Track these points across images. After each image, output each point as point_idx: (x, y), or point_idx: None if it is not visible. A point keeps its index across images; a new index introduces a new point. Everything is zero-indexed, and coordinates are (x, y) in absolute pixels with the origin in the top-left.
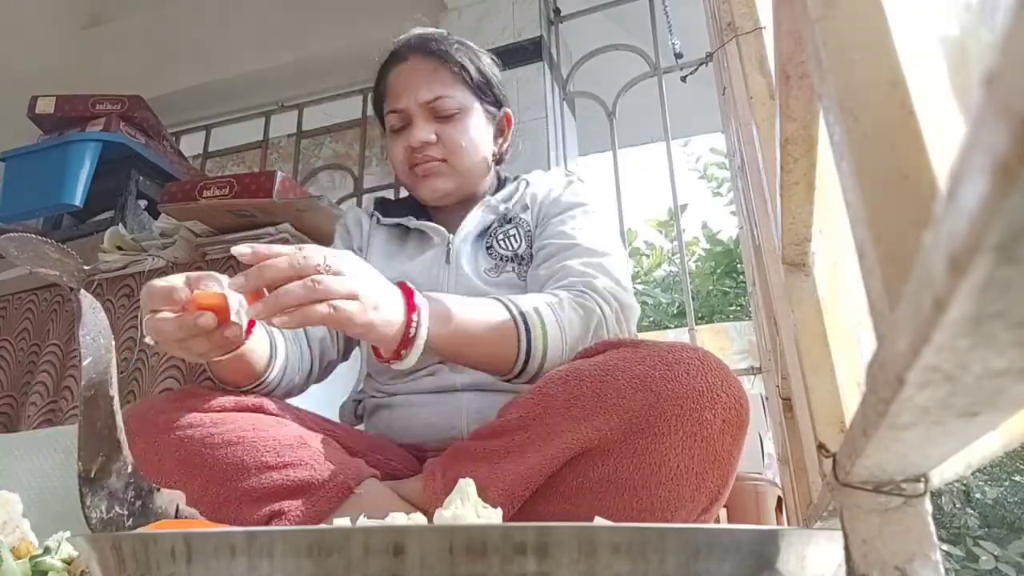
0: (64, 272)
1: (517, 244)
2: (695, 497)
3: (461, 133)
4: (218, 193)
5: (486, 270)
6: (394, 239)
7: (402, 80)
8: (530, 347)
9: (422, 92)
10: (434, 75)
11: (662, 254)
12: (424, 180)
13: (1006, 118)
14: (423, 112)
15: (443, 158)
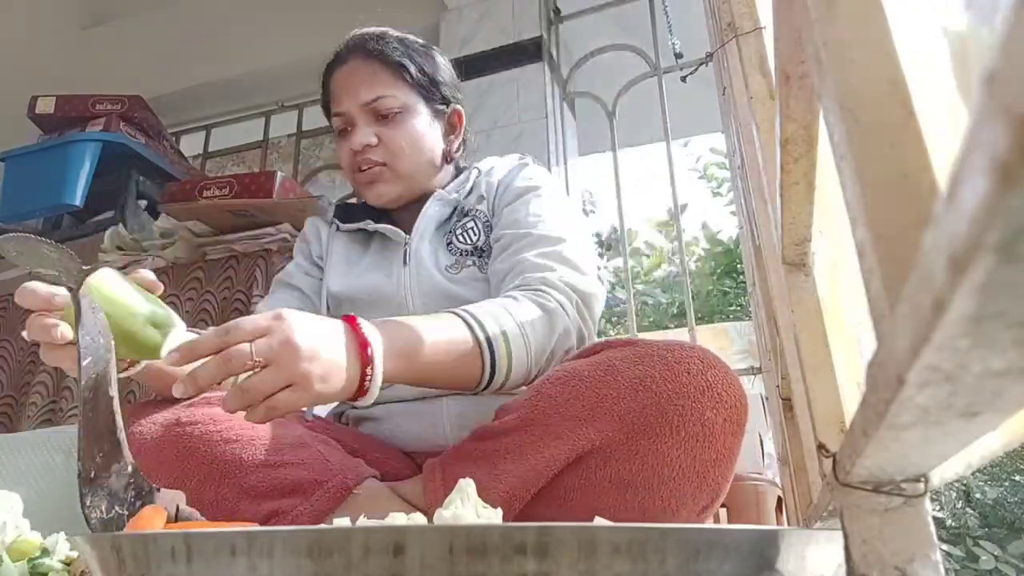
0: (63, 272)
1: (476, 236)
2: (696, 495)
3: (402, 134)
4: (218, 193)
5: (447, 267)
6: (356, 244)
7: (342, 82)
8: (494, 364)
9: (361, 93)
10: (373, 76)
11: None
12: (368, 186)
13: (1006, 118)
14: (364, 114)
15: (384, 162)
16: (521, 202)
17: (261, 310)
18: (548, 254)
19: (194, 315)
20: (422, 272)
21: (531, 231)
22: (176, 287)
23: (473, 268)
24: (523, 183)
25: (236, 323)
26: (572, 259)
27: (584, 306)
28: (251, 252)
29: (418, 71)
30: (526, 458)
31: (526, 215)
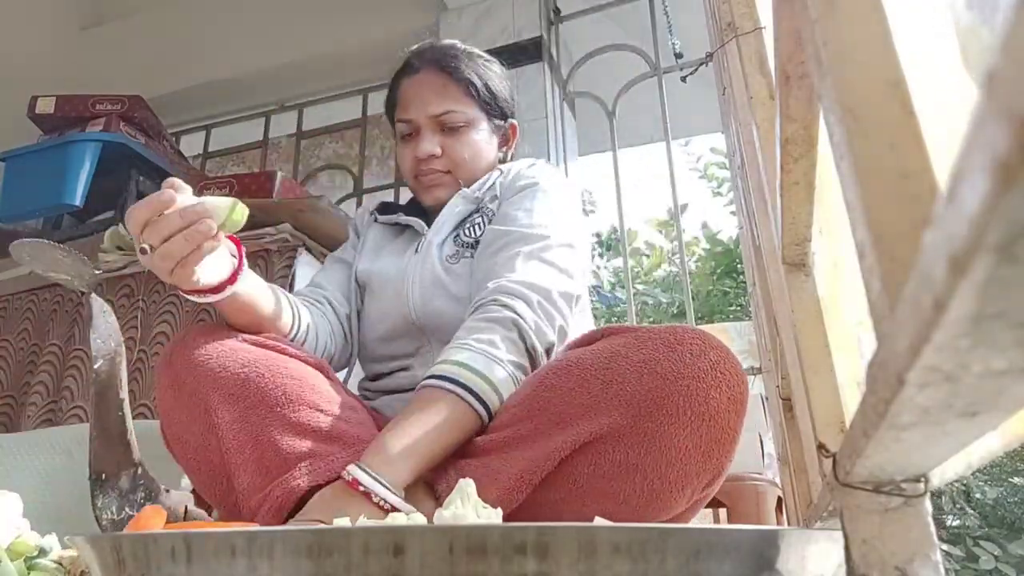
0: (75, 277)
1: (480, 231)
2: (700, 474)
3: (465, 146)
4: (218, 193)
5: (448, 256)
6: (387, 235)
7: (413, 91)
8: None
9: (431, 106)
10: (444, 90)
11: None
12: (428, 190)
13: (1006, 118)
14: (430, 124)
15: (447, 170)
16: (517, 198)
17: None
18: (523, 253)
19: (194, 315)
20: (426, 261)
21: (514, 229)
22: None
23: (469, 259)
24: (523, 181)
25: None
26: (547, 258)
27: (548, 302)
28: (251, 252)
29: (484, 89)
30: (534, 445)
31: (516, 211)
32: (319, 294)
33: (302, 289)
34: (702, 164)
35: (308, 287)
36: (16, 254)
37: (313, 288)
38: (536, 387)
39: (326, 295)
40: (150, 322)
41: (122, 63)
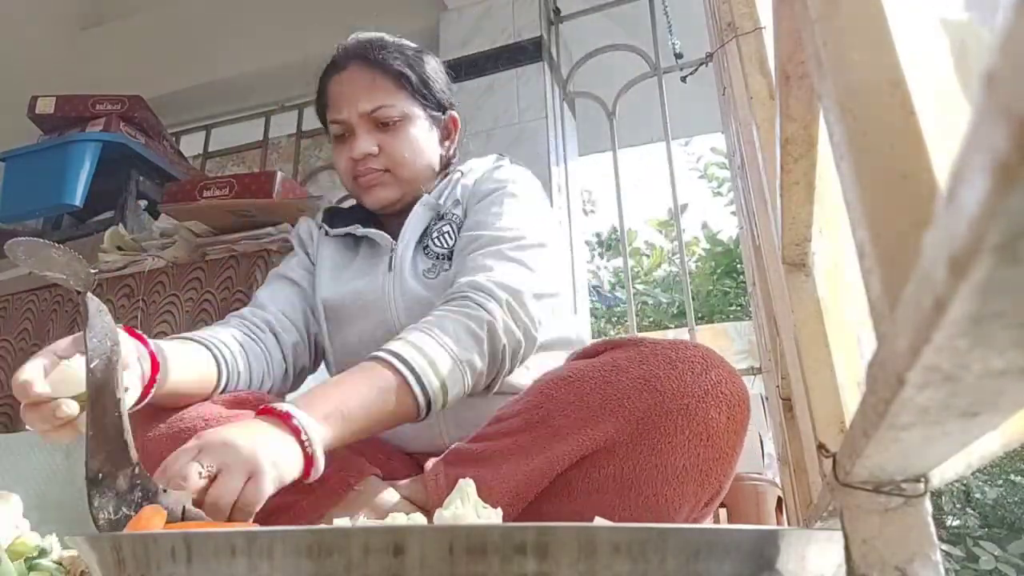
0: (71, 275)
1: (451, 240)
2: (699, 493)
3: (403, 142)
4: (218, 193)
5: (424, 271)
6: (343, 249)
7: (341, 90)
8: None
9: (362, 103)
10: (373, 84)
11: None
12: (368, 191)
13: (1006, 118)
14: (364, 122)
15: (385, 168)
16: (486, 203)
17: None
18: (492, 253)
19: (194, 315)
20: (404, 279)
21: (484, 232)
22: (176, 287)
23: (448, 272)
24: (490, 184)
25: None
26: (515, 256)
27: (517, 303)
28: (251, 252)
29: (418, 80)
30: (530, 459)
31: (486, 216)
32: (260, 318)
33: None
34: (702, 164)
35: (250, 307)
36: (11, 253)
37: (254, 309)
38: (534, 398)
39: (269, 320)
40: (150, 322)
41: (122, 63)
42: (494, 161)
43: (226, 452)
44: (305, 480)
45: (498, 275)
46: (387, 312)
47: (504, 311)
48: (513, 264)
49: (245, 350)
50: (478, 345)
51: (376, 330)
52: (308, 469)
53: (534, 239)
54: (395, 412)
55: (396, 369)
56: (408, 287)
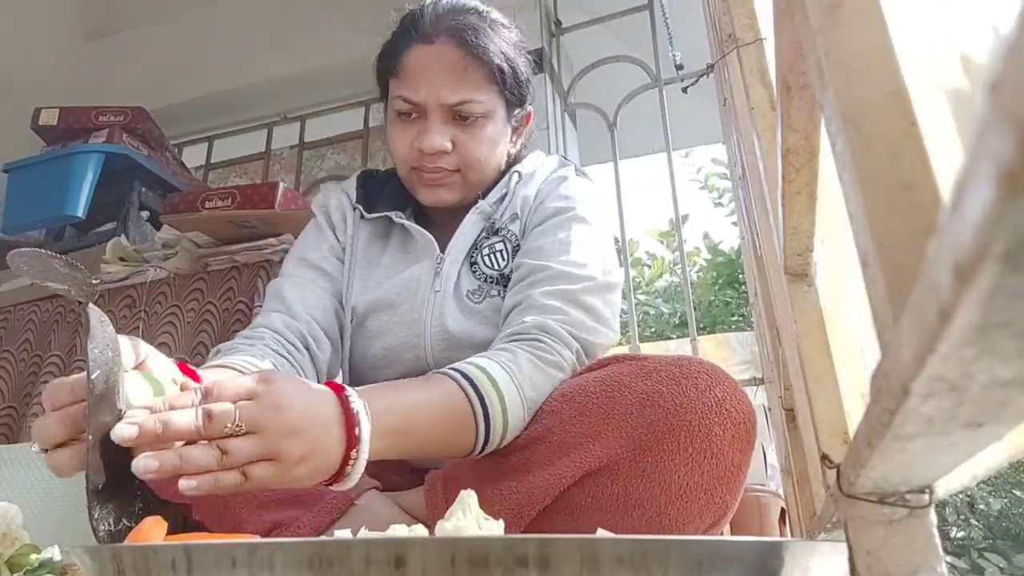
0: (73, 286)
1: (503, 262)
2: (704, 513)
3: (480, 143)
4: (220, 204)
5: (469, 292)
6: (376, 238)
7: (424, 67)
8: (488, 435)
9: (446, 92)
10: (464, 74)
11: (664, 264)
12: (431, 189)
13: (1011, 126)
14: (442, 112)
15: (456, 168)
16: (550, 225)
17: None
18: (561, 293)
19: (196, 326)
20: (446, 301)
21: (551, 264)
22: (178, 298)
23: (496, 298)
24: (558, 202)
25: (218, 383)
26: (587, 302)
27: (586, 356)
28: (253, 263)
29: (511, 74)
30: (532, 475)
31: (551, 242)
32: (295, 332)
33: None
34: (703, 175)
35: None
36: (13, 264)
37: (287, 320)
38: (538, 413)
39: (304, 335)
40: (152, 333)
41: (125, 75)
42: (558, 167)
43: (272, 420)
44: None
45: (570, 321)
46: (419, 339)
47: (575, 357)
48: (583, 312)
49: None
50: (547, 389)
51: (404, 352)
52: (333, 482)
53: (603, 279)
54: (449, 450)
55: (474, 413)
56: (449, 309)
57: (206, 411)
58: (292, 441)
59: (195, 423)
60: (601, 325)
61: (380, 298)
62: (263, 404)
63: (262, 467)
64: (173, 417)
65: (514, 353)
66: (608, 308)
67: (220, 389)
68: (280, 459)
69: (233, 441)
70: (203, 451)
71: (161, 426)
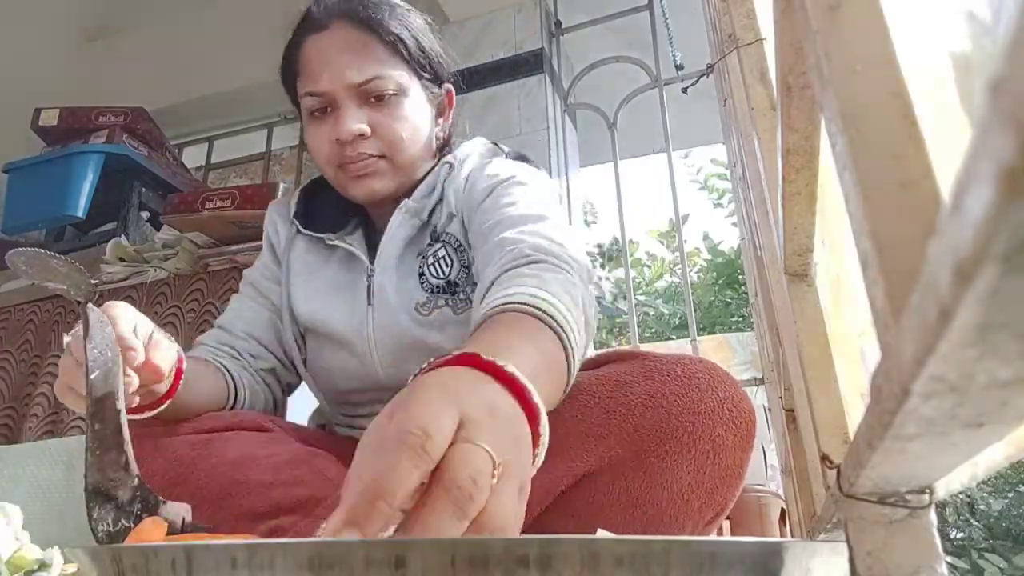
0: (72, 286)
1: (448, 268)
2: (703, 511)
3: (400, 120)
4: (220, 204)
5: (419, 305)
6: (315, 253)
7: (322, 54)
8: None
9: (350, 72)
10: (364, 50)
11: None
12: (358, 180)
13: (1012, 126)
14: (352, 96)
15: (381, 153)
16: (489, 199)
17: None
18: (528, 231)
19: (196, 326)
20: (387, 314)
21: (501, 218)
22: (178, 298)
23: (446, 308)
24: (487, 182)
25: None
26: (554, 236)
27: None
28: (253, 263)
29: (415, 45)
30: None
31: (494, 206)
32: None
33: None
34: (702, 175)
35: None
36: (12, 264)
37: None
38: None
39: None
40: None
41: (125, 75)
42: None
43: (516, 450)
44: None
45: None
46: (366, 355)
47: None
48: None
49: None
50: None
51: (358, 370)
52: None
53: (556, 217)
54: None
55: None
56: (393, 325)
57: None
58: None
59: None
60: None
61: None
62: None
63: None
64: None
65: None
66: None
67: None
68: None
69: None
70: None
71: None
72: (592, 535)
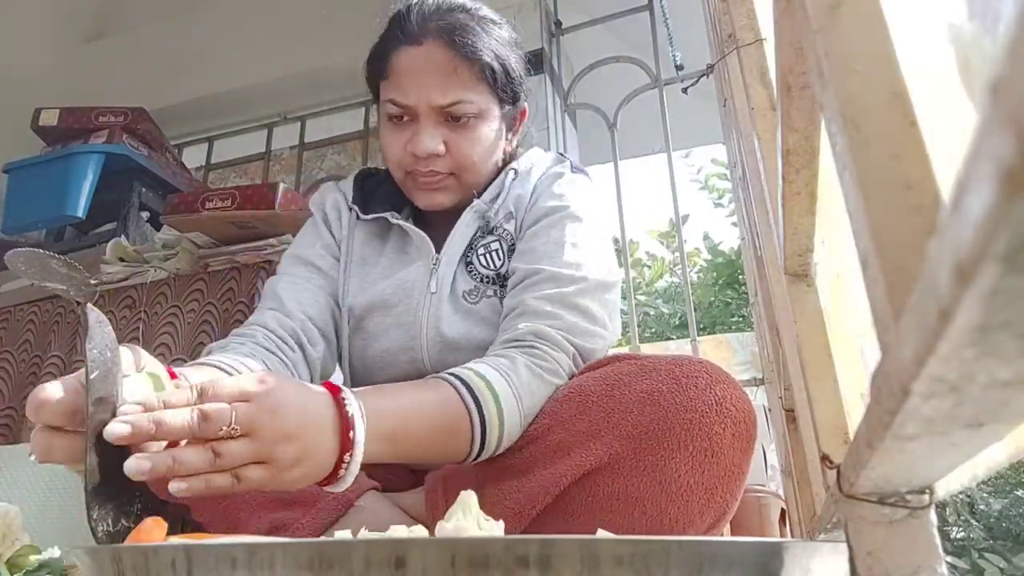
0: (71, 286)
1: (499, 261)
2: (704, 512)
3: (474, 144)
4: (220, 205)
5: (465, 293)
6: (373, 238)
7: (412, 70)
8: (484, 442)
9: (436, 94)
10: (454, 74)
11: (664, 265)
12: (426, 193)
13: (1012, 126)
14: (433, 115)
15: (450, 171)
16: (543, 226)
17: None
18: (555, 297)
19: (196, 327)
20: (442, 304)
21: (544, 267)
22: (178, 299)
23: (494, 299)
24: (551, 201)
25: (214, 383)
26: (581, 304)
27: (582, 359)
28: (253, 263)
29: (502, 72)
30: (532, 475)
31: (544, 243)
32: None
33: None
34: (702, 175)
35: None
36: (12, 264)
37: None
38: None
39: (297, 333)
40: (152, 334)
41: (125, 75)
42: (553, 163)
43: (269, 423)
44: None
45: (565, 326)
46: (416, 338)
47: (571, 362)
48: (578, 315)
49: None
50: (543, 397)
51: (400, 355)
52: (326, 484)
53: (596, 278)
54: (445, 455)
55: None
56: (445, 312)
57: (202, 411)
58: (286, 445)
59: (190, 423)
60: (597, 327)
61: (376, 299)
62: (259, 406)
63: (255, 470)
64: (167, 416)
65: (512, 360)
66: (604, 308)
67: (216, 389)
68: (274, 462)
69: (227, 444)
70: (196, 453)
71: (154, 425)
72: (592, 535)
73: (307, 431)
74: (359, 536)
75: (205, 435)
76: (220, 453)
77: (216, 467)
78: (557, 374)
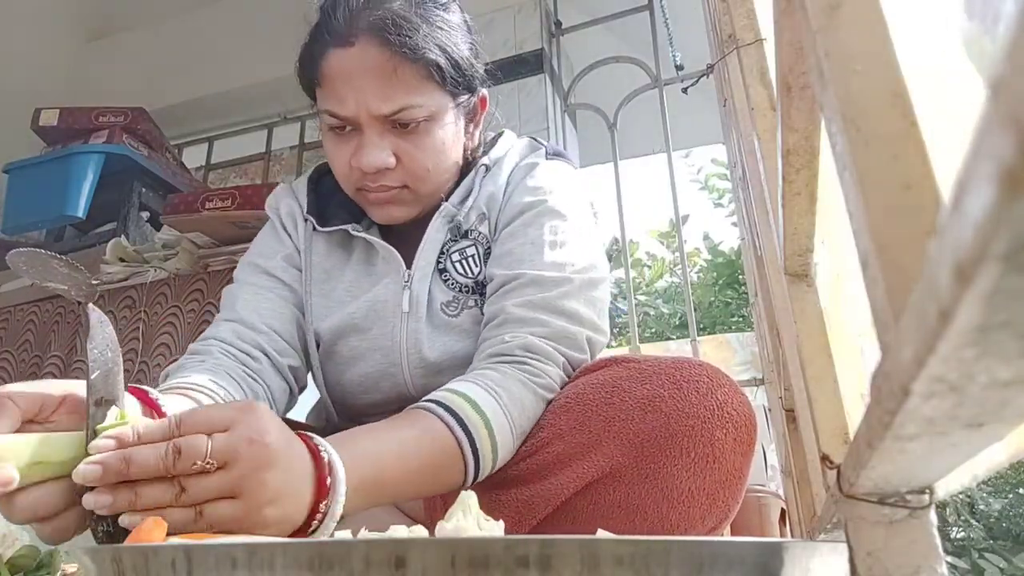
0: (72, 286)
1: (476, 268)
2: (706, 517)
3: (427, 151)
4: (220, 205)
5: (443, 305)
6: (335, 248)
7: (346, 75)
8: (478, 468)
9: (376, 102)
10: (394, 77)
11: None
12: (379, 207)
13: (1012, 126)
14: (377, 124)
15: (404, 184)
16: (519, 224)
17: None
18: (538, 304)
19: (196, 326)
20: (420, 325)
21: (524, 271)
22: (178, 299)
23: (475, 309)
24: (525, 196)
25: (193, 412)
26: (567, 308)
27: (572, 367)
28: None
29: (451, 65)
30: (532, 486)
31: (522, 244)
32: (251, 343)
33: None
34: (702, 175)
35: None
36: (12, 264)
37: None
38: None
39: (261, 345)
40: (152, 334)
41: (125, 75)
42: (527, 151)
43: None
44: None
45: (552, 333)
46: (396, 364)
47: (562, 372)
48: (564, 319)
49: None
50: (537, 413)
51: (381, 380)
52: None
53: (582, 277)
54: (435, 490)
55: (459, 446)
56: (424, 334)
57: (175, 447)
58: (265, 473)
59: (164, 461)
60: (585, 329)
61: (346, 323)
62: (239, 434)
63: (224, 505)
64: (138, 456)
65: (503, 375)
66: (592, 308)
67: (193, 419)
68: (246, 495)
69: (195, 478)
70: (160, 489)
71: (125, 465)
72: (592, 535)
73: (291, 461)
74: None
75: (178, 472)
76: (186, 487)
77: (181, 503)
78: (550, 388)
